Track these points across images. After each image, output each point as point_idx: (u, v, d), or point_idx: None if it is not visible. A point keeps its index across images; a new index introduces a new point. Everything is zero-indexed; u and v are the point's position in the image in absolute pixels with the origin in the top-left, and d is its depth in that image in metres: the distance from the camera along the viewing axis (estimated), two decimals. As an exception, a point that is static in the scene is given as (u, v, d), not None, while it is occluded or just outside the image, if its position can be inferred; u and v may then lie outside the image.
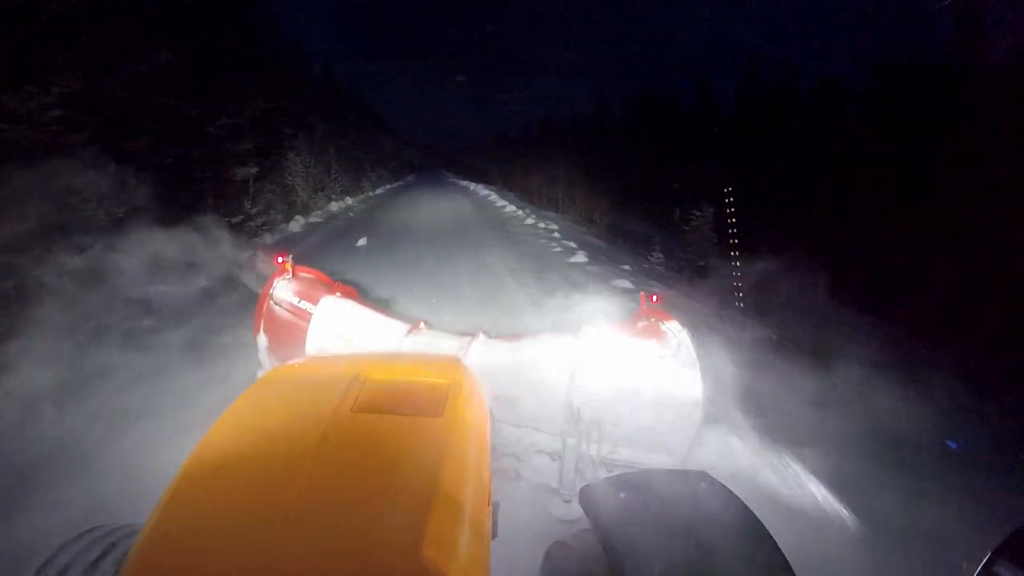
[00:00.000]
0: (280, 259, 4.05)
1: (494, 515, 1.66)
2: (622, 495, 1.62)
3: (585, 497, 1.70)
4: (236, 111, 12.28)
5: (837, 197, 11.50)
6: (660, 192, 18.78)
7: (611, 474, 2.69)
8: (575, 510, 3.00)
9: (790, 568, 1.39)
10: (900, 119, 12.17)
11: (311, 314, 3.77)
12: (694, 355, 3.11)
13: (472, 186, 41.96)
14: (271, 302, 3.89)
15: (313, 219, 17.60)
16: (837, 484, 3.44)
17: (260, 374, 3.67)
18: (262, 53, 16.30)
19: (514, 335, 3.64)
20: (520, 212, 21.69)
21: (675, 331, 3.23)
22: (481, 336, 3.58)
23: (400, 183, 45.40)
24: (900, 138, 11.29)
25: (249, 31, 15.19)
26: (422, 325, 3.79)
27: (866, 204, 10.72)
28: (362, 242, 12.56)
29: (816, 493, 3.39)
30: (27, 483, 3.18)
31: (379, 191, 34.18)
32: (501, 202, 26.67)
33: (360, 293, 4.48)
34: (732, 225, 9.88)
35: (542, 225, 17.39)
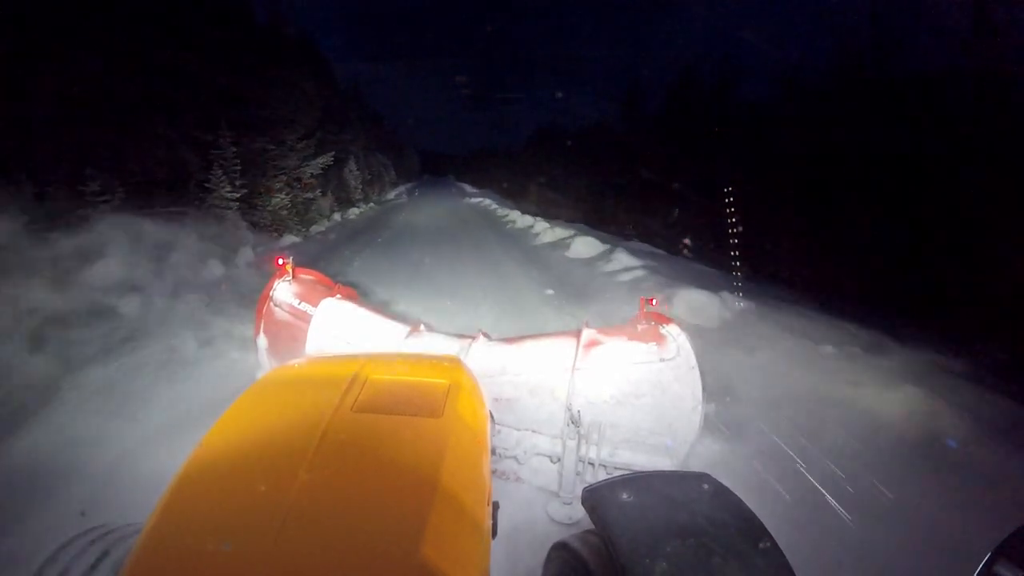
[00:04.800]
0: (280, 261, 4.06)
1: (494, 515, 1.66)
2: (625, 496, 1.62)
3: (588, 498, 1.70)
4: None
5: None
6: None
7: (611, 476, 2.69)
8: (575, 512, 3.00)
9: (791, 569, 1.39)
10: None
11: (311, 316, 3.78)
12: (693, 358, 3.11)
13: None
14: (271, 304, 3.89)
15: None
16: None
17: (260, 374, 3.67)
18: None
19: (514, 337, 3.64)
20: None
21: (674, 334, 3.23)
22: (481, 338, 3.58)
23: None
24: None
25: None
26: (422, 327, 3.80)
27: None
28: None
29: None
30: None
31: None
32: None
33: (360, 295, 4.49)
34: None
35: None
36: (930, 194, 10.63)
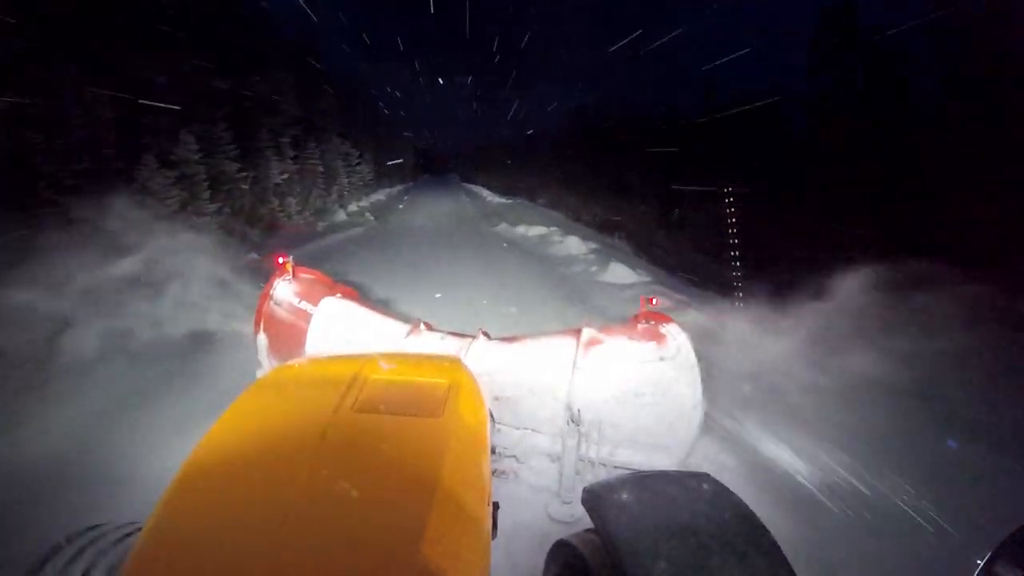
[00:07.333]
0: (281, 260, 4.06)
1: (494, 515, 1.66)
2: (625, 496, 1.62)
3: (588, 498, 1.70)
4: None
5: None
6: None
7: (611, 476, 2.69)
8: (574, 512, 3.00)
9: (791, 569, 1.39)
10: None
11: (311, 315, 3.78)
12: (693, 357, 3.11)
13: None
14: (271, 302, 3.89)
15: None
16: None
17: (260, 374, 3.68)
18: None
19: (514, 336, 3.64)
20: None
21: (674, 333, 3.23)
22: (481, 337, 3.58)
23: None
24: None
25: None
26: (422, 326, 3.80)
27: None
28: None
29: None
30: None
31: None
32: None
33: (360, 294, 4.49)
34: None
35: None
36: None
